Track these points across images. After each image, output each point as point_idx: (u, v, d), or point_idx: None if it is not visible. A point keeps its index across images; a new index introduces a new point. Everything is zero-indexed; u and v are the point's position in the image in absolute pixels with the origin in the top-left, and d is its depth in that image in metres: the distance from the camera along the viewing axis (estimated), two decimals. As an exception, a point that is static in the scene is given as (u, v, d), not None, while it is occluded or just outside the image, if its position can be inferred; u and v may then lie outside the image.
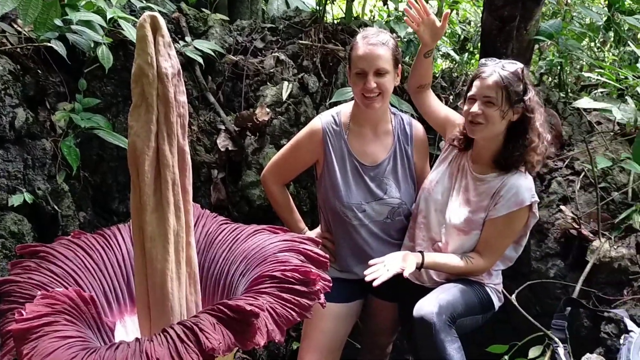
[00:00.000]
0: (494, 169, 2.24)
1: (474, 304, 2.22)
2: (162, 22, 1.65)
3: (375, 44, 2.22)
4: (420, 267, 2.20)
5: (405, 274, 2.11)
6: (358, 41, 2.27)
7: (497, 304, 2.34)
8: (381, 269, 2.10)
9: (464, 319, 2.17)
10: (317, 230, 2.56)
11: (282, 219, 2.53)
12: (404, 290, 2.41)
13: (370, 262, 2.15)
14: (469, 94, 2.18)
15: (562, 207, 2.91)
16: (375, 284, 2.06)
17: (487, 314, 2.31)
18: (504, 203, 2.16)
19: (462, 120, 2.31)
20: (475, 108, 2.12)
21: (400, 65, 2.31)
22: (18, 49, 2.60)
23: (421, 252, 2.24)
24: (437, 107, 2.48)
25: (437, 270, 2.27)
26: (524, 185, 2.17)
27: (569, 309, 2.47)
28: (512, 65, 2.15)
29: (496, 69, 2.12)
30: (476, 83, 2.16)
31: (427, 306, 2.09)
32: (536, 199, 2.20)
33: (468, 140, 2.30)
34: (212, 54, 3.15)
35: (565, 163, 3.08)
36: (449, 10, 2.51)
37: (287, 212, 2.53)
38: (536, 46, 3.88)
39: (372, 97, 2.23)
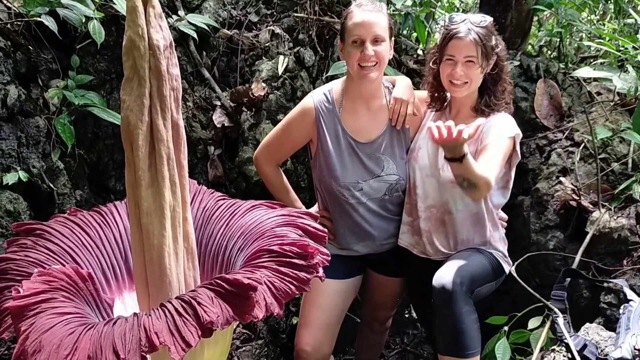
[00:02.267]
0: (474, 117, 2.23)
1: (489, 272, 2.22)
2: (152, -8, 1.61)
3: (371, 10, 2.18)
4: (462, 157, 1.96)
5: (465, 135, 1.88)
6: (353, 9, 2.21)
7: (507, 268, 2.34)
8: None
9: (480, 287, 2.17)
10: (315, 208, 2.53)
11: (278, 199, 2.49)
12: (409, 264, 2.40)
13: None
14: (446, 54, 2.19)
15: (561, 178, 2.89)
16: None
17: (500, 279, 2.31)
18: (489, 133, 2.17)
19: (424, 94, 2.37)
20: (458, 70, 2.16)
21: (394, 36, 2.26)
22: (8, 25, 2.56)
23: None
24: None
25: (466, 170, 2.01)
26: (506, 121, 2.22)
27: (568, 279, 2.47)
28: (482, 20, 2.20)
29: (470, 27, 2.16)
30: (454, 43, 2.17)
31: (447, 275, 2.07)
32: (519, 133, 2.23)
33: (444, 99, 2.34)
34: (206, 28, 3.10)
35: (565, 134, 3.06)
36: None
37: (283, 193, 2.48)
38: (535, 18, 3.83)
39: (369, 67, 2.18)
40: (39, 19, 2.53)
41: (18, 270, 1.78)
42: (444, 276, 2.07)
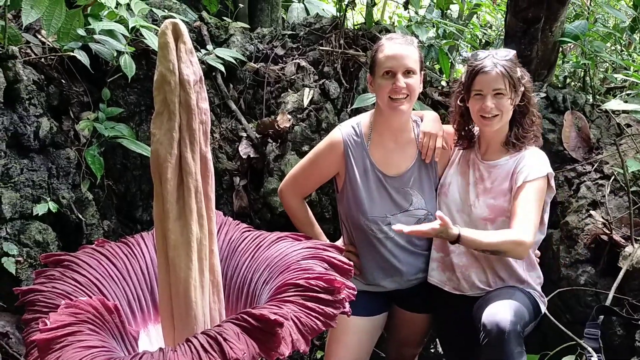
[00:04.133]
0: (505, 152, 2.26)
1: (531, 311, 2.16)
2: (183, 28, 1.65)
3: (403, 43, 2.19)
4: (456, 240, 2.06)
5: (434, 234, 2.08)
6: (384, 43, 2.22)
7: (543, 308, 2.28)
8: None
9: (527, 327, 2.10)
10: (340, 242, 2.50)
11: (302, 232, 2.47)
12: (440, 301, 2.35)
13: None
14: (474, 89, 2.19)
15: (591, 212, 2.83)
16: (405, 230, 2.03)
17: (537, 319, 2.25)
18: (523, 173, 2.16)
19: (451, 129, 2.36)
20: (489, 103, 2.15)
21: (424, 70, 2.26)
22: (42, 59, 2.63)
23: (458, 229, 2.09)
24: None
25: (470, 245, 2.11)
26: (539, 158, 2.22)
27: (602, 317, 2.39)
28: (506, 53, 2.21)
29: (495, 61, 2.16)
30: (480, 78, 2.17)
31: (501, 313, 1.99)
32: (552, 171, 2.23)
33: (471, 137, 2.33)
34: (234, 61, 3.15)
35: (594, 167, 3.01)
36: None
37: (307, 227, 2.44)
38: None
39: (400, 99, 2.17)
40: (72, 53, 2.60)
41: (45, 302, 1.79)
42: (497, 314, 1.99)
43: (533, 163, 2.18)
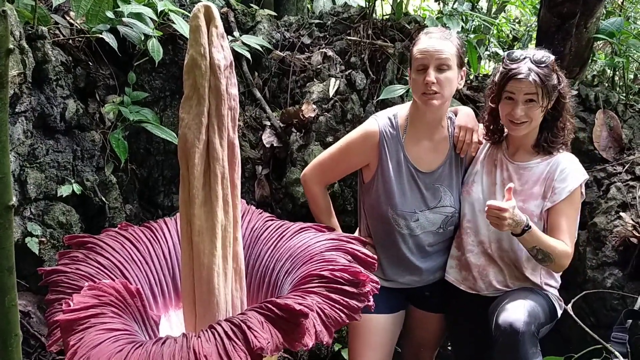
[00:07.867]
0: (536, 154, 2.20)
1: (547, 313, 2.13)
2: (215, 12, 1.63)
3: (438, 38, 2.13)
4: (523, 230, 2.01)
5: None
6: (421, 37, 2.17)
7: (559, 311, 2.24)
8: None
9: (542, 329, 2.08)
10: (355, 234, 2.46)
11: (319, 221, 2.42)
12: (454, 300, 2.32)
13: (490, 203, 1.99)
14: (506, 93, 2.10)
15: (621, 213, 2.76)
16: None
17: (553, 322, 2.22)
18: (563, 187, 2.11)
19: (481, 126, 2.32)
20: (518, 110, 2.07)
21: (465, 67, 2.20)
22: (70, 41, 2.63)
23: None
24: None
25: (534, 240, 2.04)
26: (574, 164, 2.17)
27: (630, 321, 2.34)
28: (543, 57, 2.09)
29: (530, 67, 2.05)
30: (513, 84, 2.07)
31: (515, 314, 1.97)
32: (587, 176, 2.21)
33: (501, 131, 2.27)
34: (260, 49, 3.12)
35: (625, 168, 2.93)
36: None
37: (325, 215, 2.40)
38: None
39: (430, 94, 2.11)
40: (100, 35, 2.59)
41: (69, 283, 1.80)
42: (511, 315, 1.97)
43: (571, 171, 2.13)
